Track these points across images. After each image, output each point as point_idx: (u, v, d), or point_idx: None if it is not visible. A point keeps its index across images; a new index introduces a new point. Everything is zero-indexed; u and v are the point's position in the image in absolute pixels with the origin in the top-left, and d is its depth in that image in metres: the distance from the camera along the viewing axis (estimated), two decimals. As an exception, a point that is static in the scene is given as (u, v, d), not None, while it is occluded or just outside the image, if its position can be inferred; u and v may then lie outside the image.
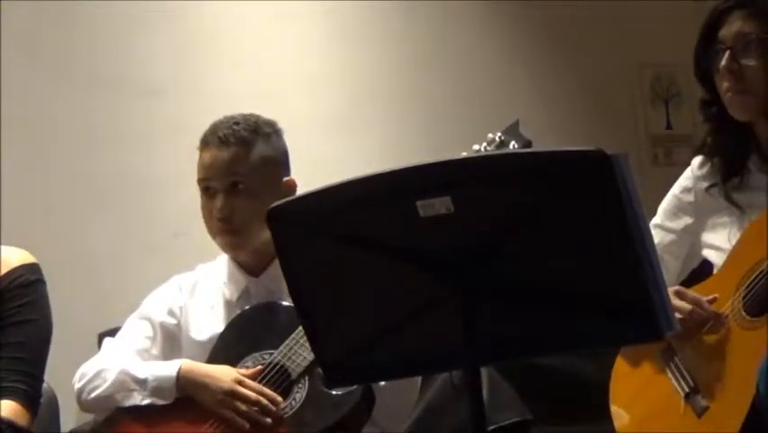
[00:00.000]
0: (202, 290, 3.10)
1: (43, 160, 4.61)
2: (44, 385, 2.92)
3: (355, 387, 2.76)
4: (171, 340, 3.04)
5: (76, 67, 4.70)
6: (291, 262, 2.06)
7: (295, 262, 2.06)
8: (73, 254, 4.52)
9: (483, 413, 2.00)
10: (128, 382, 2.88)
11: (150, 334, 3.04)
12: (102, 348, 3.05)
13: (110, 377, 2.90)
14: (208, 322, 3.03)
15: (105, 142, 4.73)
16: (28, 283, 2.81)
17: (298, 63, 5.17)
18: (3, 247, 2.86)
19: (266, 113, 3.19)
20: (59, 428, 3.03)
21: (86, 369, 2.97)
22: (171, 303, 3.07)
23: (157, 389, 2.86)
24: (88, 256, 4.59)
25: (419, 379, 2.88)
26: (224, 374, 2.86)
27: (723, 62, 2.87)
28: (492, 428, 2.77)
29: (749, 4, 2.88)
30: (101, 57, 4.76)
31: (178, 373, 2.86)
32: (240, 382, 2.82)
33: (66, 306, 3.35)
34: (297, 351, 2.85)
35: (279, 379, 2.86)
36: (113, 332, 4.39)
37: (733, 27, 2.88)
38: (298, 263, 2.06)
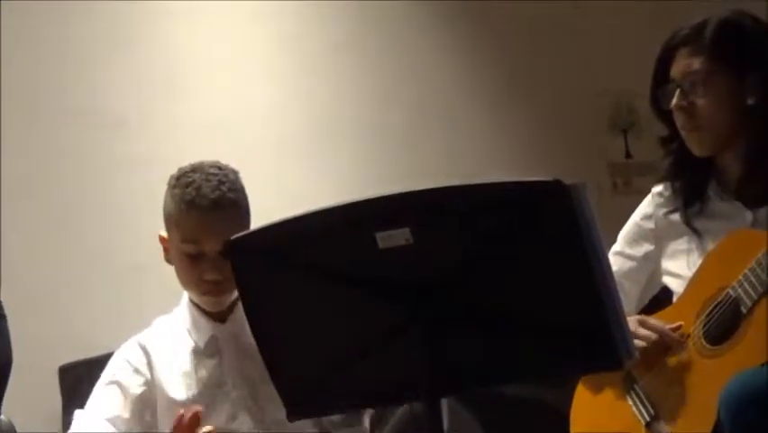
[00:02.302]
0: (164, 342, 3.02)
1: (3, 191, 4.58)
2: (4, 420, 2.90)
3: None
4: (142, 401, 2.94)
5: (39, 98, 4.68)
6: (251, 293, 2.07)
7: (255, 293, 2.06)
8: (32, 289, 4.48)
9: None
10: None
11: (120, 399, 2.93)
12: (74, 423, 2.93)
13: None
14: (182, 379, 2.95)
15: (67, 173, 4.71)
16: None
17: (260, 93, 5.17)
18: None
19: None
20: (19, 464, 3.01)
21: None
22: (136, 363, 2.97)
23: None
24: (48, 291, 4.55)
25: None
26: None
27: (674, 101, 2.89)
28: (454, 457, 2.77)
29: (694, 40, 2.88)
30: (64, 88, 4.74)
31: None
32: None
33: (26, 340, 3.32)
34: None
35: None
36: (73, 366, 4.38)
37: (680, 64, 2.89)
38: (258, 294, 2.06)
